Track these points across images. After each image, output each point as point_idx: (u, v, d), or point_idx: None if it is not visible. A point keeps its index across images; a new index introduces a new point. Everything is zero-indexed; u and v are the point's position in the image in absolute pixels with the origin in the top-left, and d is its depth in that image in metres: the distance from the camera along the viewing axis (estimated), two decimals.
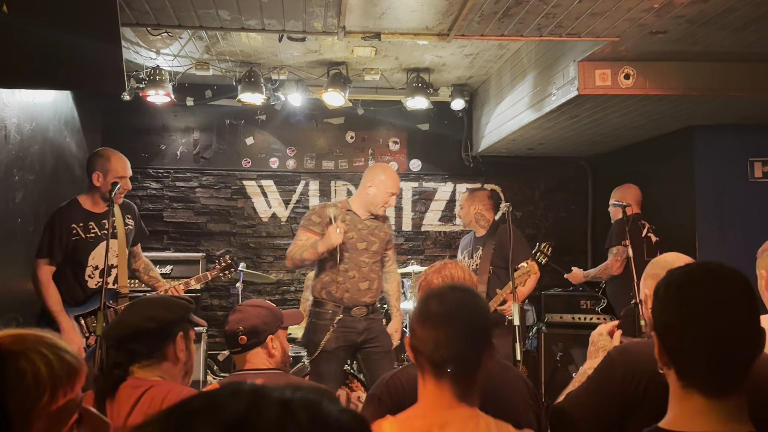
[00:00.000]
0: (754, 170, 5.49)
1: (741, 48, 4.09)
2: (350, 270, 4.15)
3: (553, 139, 6.01)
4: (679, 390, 1.34)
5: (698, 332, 1.31)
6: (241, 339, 2.49)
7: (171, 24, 4.03)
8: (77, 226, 3.90)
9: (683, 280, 1.37)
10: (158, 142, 6.65)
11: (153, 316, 2.13)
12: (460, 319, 1.65)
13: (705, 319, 1.31)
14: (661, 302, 1.38)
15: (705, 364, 1.31)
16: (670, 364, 1.36)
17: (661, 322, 1.38)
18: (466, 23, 3.78)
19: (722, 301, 1.32)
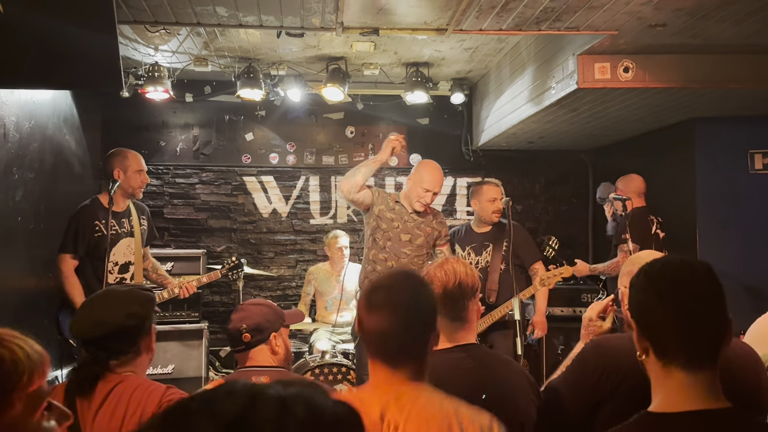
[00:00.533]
0: (754, 162, 5.48)
1: (740, 40, 4.07)
2: (389, 260, 4.28)
3: (553, 133, 6.00)
4: (660, 371, 1.43)
5: (667, 305, 1.41)
6: (245, 337, 2.49)
7: (168, 21, 4.03)
8: (100, 223, 4.20)
9: (650, 266, 1.49)
10: (158, 138, 6.64)
11: (133, 314, 2.12)
12: (403, 309, 1.69)
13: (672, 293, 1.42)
14: (634, 289, 1.49)
15: (679, 335, 1.40)
16: (648, 347, 1.45)
17: (635, 307, 1.48)
18: (464, 18, 3.77)
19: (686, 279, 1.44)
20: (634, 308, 1.48)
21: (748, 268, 5.28)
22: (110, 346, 2.08)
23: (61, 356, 4.71)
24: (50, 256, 4.58)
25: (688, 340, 1.40)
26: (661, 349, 1.43)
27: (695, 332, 1.40)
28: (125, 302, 2.15)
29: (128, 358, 2.11)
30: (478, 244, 4.83)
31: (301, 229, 6.81)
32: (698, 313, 1.41)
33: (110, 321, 2.08)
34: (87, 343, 2.10)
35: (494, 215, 4.72)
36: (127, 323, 2.10)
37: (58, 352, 4.68)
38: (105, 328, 2.08)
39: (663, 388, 1.43)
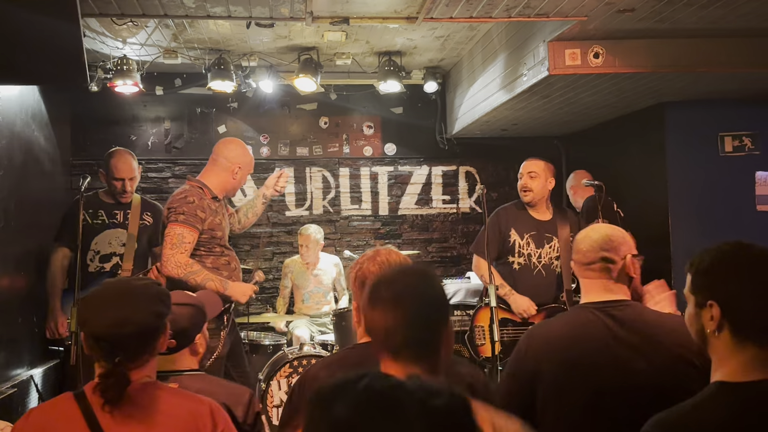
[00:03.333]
0: (724, 145, 5.55)
1: (707, 24, 4.11)
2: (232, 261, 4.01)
3: (526, 120, 6.03)
4: (733, 346, 1.61)
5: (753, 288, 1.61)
6: (170, 343, 2.27)
7: (134, 13, 3.97)
8: (86, 212, 4.38)
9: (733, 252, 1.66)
10: (128, 132, 6.56)
11: (159, 313, 1.96)
12: (409, 304, 1.62)
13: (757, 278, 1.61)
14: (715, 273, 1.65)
15: (760, 315, 1.60)
16: (725, 325, 1.61)
17: (719, 289, 1.63)
18: (434, 6, 3.76)
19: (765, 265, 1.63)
20: (719, 292, 1.63)
21: None
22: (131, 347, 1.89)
23: (34, 354, 4.66)
24: (21, 253, 4.52)
25: (764, 320, 1.59)
26: (740, 326, 1.60)
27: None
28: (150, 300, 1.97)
29: (144, 360, 1.93)
30: (538, 234, 4.32)
31: (277, 222, 6.79)
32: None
33: (137, 320, 1.89)
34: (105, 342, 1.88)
35: (522, 193, 4.37)
36: (157, 323, 1.95)
37: (32, 351, 4.63)
38: (131, 327, 1.88)
39: (734, 361, 1.60)
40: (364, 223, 6.96)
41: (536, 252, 4.31)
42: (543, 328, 2.34)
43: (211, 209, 3.75)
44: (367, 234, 6.96)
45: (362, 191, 6.96)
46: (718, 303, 1.62)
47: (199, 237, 3.68)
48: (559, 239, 4.25)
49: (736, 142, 5.54)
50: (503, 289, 4.23)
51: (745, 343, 1.60)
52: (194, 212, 3.64)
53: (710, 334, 1.64)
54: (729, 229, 5.33)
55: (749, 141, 5.50)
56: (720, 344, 1.63)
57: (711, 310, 1.63)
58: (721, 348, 1.64)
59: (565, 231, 4.22)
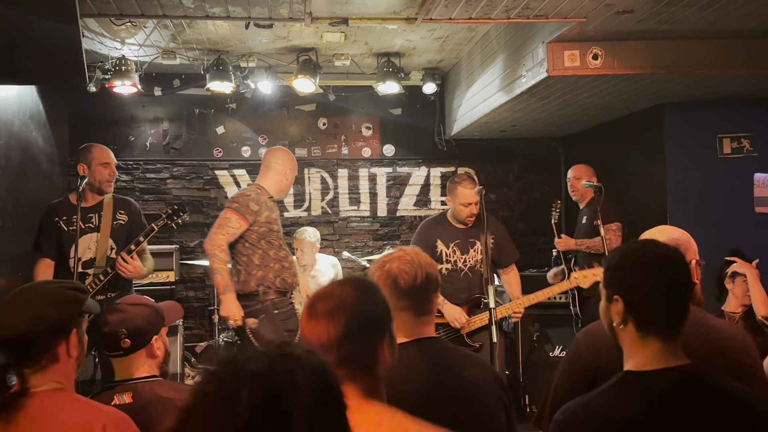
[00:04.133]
0: (723, 146, 5.55)
1: (707, 25, 4.11)
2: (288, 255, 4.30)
3: (525, 121, 6.02)
4: (638, 340, 1.68)
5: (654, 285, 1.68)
6: (124, 342, 2.26)
7: (133, 13, 3.96)
8: (60, 219, 4.15)
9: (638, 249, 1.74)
10: (127, 133, 6.56)
11: (41, 318, 1.84)
12: (345, 317, 1.54)
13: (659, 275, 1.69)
14: (622, 269, 1.73)
15: (660, 311, 1.68)
16: (629, 319, 1.69)
17: (624, 284, 1.71)
18: (433, 7, 3.76)
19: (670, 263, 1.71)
20: (623, 287, 1.71)
21: (717, 251, 5.34)
22: (18, 352, 1.82)
23: None
24: (19, 254, 4.51)
25: (667, 315, 1.68)
26: (643, 321, 1.68)
27: (673, 309, 1.69)
28: (38, 303, 1.88)
29: (42, 366, 1.84)
30: (462, 241, 4.55)
31: None
32: (677, 293, 1.70)
33: (14, 323, 1.83)
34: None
35: (468, 219, 4.48)
36: (35, 329, 1.83)
37: None
38: (8, 330, 1.82)
39: (641, 352, 1.68)
40: (362, 224, 6.96)
41: (462, 258, 4.54)
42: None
43: (267, 205, 4.14)
44: (365, 235, 6.96)
45: (361, 192, 6.95)
46: (621, 298, 1.70)
47: (258, 229, 4.06)
48: (481, 242, 4.49)
49: (735, 144, 5.54)
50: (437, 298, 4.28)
51: (648, 338, 1.67)
52: (247, 204, 4.04)
53: (617, 327, 1.72)
54: (727, 230, 5.33)
55: (748, 143, 5.51)
56: (627, 337, 1.71)
57: (617, 305, 1.71)
58: (627, 340, 1.71)
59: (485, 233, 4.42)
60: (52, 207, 4.25)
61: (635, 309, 1.69)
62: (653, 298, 1.67)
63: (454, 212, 4.54)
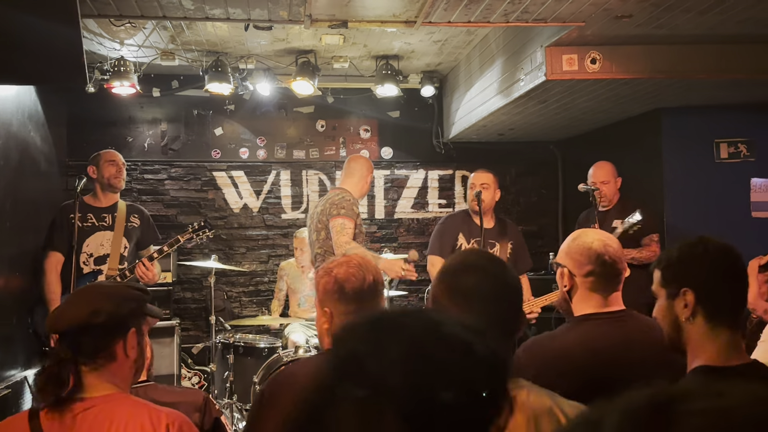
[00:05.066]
0: (720, 151, 5.57)
1: (705, 30, 4.13)
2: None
3: (523, 124, 6.04)
4: (708, 332, 1.70)
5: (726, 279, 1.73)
6: None
7: (133, 14, 3.97)
8: (75, 215, 4.37)
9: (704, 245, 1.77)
10: (125, 134, 6.55)
11: (98, 310, 1.83)
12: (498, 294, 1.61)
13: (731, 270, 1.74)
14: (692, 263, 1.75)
15: (732, 302, 1.72)
16: (698, 312, 1.70)
17: (694, 277, 1.72)
18: (433, 10, 3.77)
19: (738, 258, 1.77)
20: (692, 279, 1.73)
21: None
22: (75, 345, 1.82)
23: (29, 355, 4.64)
24: (17, 254, 4.50)
25: (738, 306, 1.74)
26: (713, 311, 1.70)
27: (742, 299, 1.77)
28: (98, 298, 1.89)
29: (99, 365, 1.83)
30: (482, 239, 4.53)
31: (273, 224, 6.78)
32: (741, 283, 1.76)
33: (72, 315, 1.85)
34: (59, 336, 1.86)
35: (472, 203, 4.57)
36: (92, 321, 1.82)
37: (27, 351, 4.61)
38: (65, 322, 1.84)
39: (711, 346, 1.69)
40: None
41: None
42: (545, 340, 2.31)
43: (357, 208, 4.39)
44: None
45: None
46: (691, 289, 1.71)
47: (355, 230, 4.26)
48: (500, 245, 4.59)
49: (732, 149, 5.56)
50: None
51: (718, 328, 1.69)
52: (351, 207, 4.28)
53: (684, 322, 1.72)
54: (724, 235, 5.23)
55: (744, 148, 5.53)
56: (695, 330, 1.72)
57: (685, 298, 1.71)
58: (696, 334, 1.72)
59: (506, 238, 4.60)
60: (67, 205, 4.52)
61: (706, 299, 1.70)
62: (723, 287, 1.72)
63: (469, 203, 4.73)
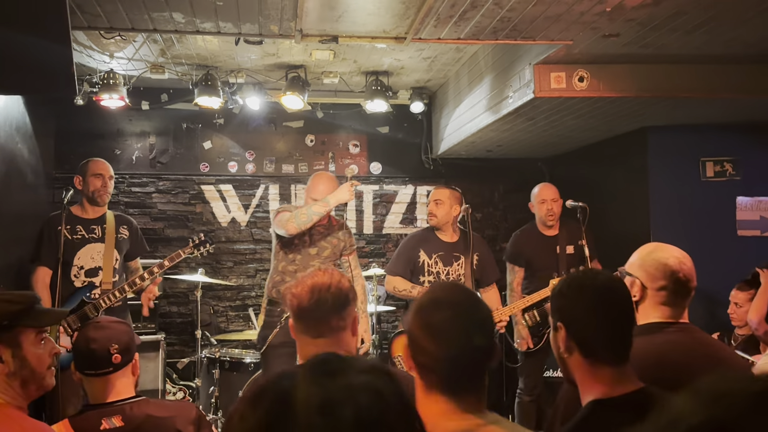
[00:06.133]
0: (706, 170, 5.62)
1: (691, 50, 4.18)
2: (298, 271, 4.21)
3: (511, 141, 6.07)
4: (588, 367, 1.70)
5: (599, 316, 1.70)
6: (115, 358, 2.27)
7: (124, 27, 3.96)
8: (64, 228, 4.29)
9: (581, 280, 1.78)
10: (113, 146, 6.53)
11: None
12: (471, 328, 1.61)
13: (604, 305, 1.71)
14: (565, 298, 1.75)
15: (609, 339, 1.69)
16: (574, 348, 1.71)
17: (567, 314, 1.73)
18: (422, 27, 3.80)
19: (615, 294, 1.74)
20: (565, 315, 1.74)
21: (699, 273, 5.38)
22: None
23: None
24: (2, 265, 4.46)
25: (616, 343, 1.70)
26: (588, 348, 1.70)
27: (620, 337, 1.71)
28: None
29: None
30: (446, 254, 4.67)
31: (261, 238, 6.76)
32: (623, 322, 1.72)
33: None
34: None
35: (429, 218, 4.77)
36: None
37: None
38: None
39: (593, 381, 1.69)
40: None
41: (444, 270, 4.65)
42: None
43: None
44: None
45: (347, 209, 6.96)
46: (564, 325, 1.74)
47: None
48: (465, 258, 4.62)
49: (718, 167, 5.61)
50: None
51: (597, 365, 1.69)
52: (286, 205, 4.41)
53: (563, 354, 1.75)
54: (710, 253, 5.37)
55: (730, 166, 5.58)
56: (575, 365, 1.74)
57: (560, 332, 1.74)
58: (577, 369, 1.74)
59: (470, 251, 4.60)
60: (55, 217, 4.39)
61: (577, 336, 1.71)
62: (592, 325, 1.70)
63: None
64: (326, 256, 4.34)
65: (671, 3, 3.39)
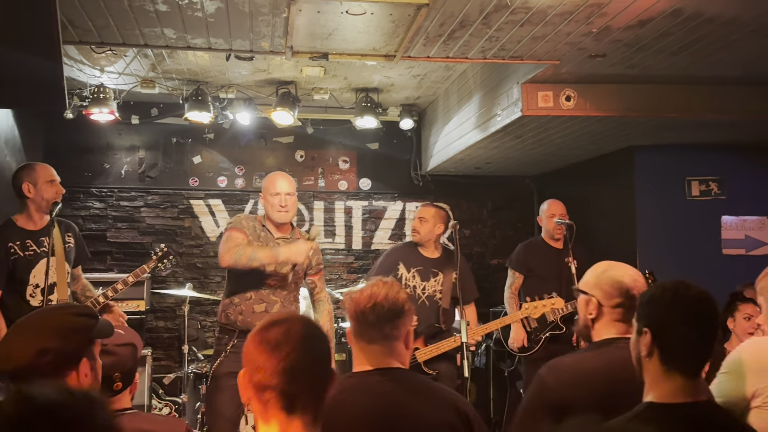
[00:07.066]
0: (691, 189, 5.68)
1: (676, 71, 4.24)
2: (247, 291, 3.83)
3: (499, 159, 6.12)
4: (662, 373, 1.75)
5: (689, 324, 1.74)
6: (116, 386, 2.20)
7: (115, 42, 3.98)
8: (14, 245, 3.87)
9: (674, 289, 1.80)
10: (102, 160, 6.52)
11: (45, 349, 1.75)
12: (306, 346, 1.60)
13: (694, 315, 1.75)
14: (655, 304, 1.80)
15: (691, 349, 1.75)
16: (654, 353, 1.76)
17: (655, 319, 1.78)
18: (412, 45, 3.84)
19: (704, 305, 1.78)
20: (654, 321, 1.79)
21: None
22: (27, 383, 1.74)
23: None
24: None
25: (690, 352, 1.75)
26: (668, 354, 1.75)
27: (702, 349, 1.76)
28: (43, 334, 1.78)
29: None
30: (425, 269, 4.65)
31: None
32: (703, 333, 1.76)
33: (17, 356, 1.74)
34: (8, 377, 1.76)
35: (412, 233, 4.75)
36: (40, 361, 1.74)
37: None
38: (11, 364, 1.74)
39: (663, 385, 1.75)
40: (337, 256, 6.96)
41: (421, 284, 4.63)
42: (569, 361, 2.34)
43: (254, 231, 3.89)
44: (339, 267, 6.95)
45: (336, 225, 6.97)
46: (650, 330, 1.78)
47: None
48: (444, 275, 4.61)
49: (703, 187, 5.67)
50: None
51: (672, 372, 1.74)
52: (240, 221, 3.90)
53: (643, 358, 1.79)
54: (696, 271, 5.40)
55: (715, 186, 5.64)
56: (651, 369, 1.79)
57: (645, 337, 1.79)
58: (651, 372, 1.79)
59: (450, 268, 4.57)
60: (1, 234, 3.88)
61: (661, 342, 1.76)
62: (679, 334, 1.75)
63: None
64: (284, 273, 3.87)
65: (657, 25, 3.45)
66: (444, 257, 4.70)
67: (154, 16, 3.58)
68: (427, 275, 4.64)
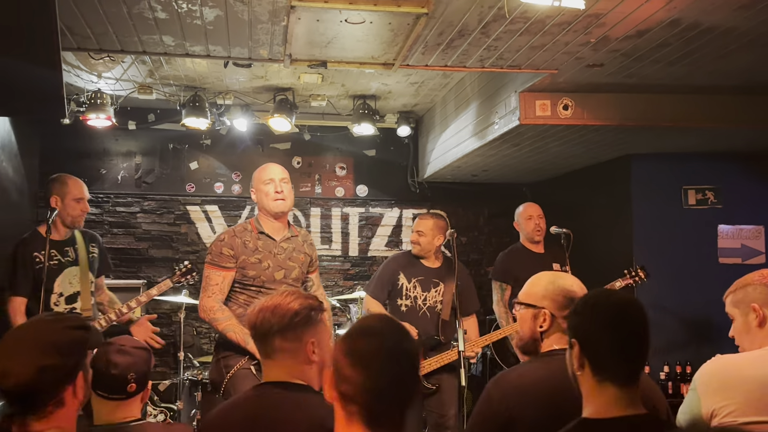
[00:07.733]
0: (688, 198, 5.69)
1: (673, 81, 4.26)
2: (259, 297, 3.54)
3: (496, 167, 6.12)
4: (595, 385, 1.71)
5: (612, 334, 1.71)
6: (130, 387, 2.23)
7: (113, 49, 3.97)
8: (39, 254, 3.95)
9: (596, 298, 1.80)
10: (98, 166, 6.51)
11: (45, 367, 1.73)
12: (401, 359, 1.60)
13: (617, 325, 1.72)
14: (580, 316, 1.78)
15: (619, 358, 1.70)
16: (586, 364, 1.72)
17: (581, 331, 1.75)
18: (410, 54, 3.84)
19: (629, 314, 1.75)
20: (579, 332, 1.76)
21: (681, 299, 5.46)
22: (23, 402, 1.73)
23: None
24: None
25: (625, 363, 1.71)
26: (598, 366, 1.71)
27: (631, 357, 1.72)
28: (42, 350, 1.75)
29: (48, 413, 1.74)
30: (425, 279, 4.59)
31: None
32: (635, 342, 1.72)
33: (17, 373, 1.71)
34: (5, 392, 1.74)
35: (411, 245, 4.69)
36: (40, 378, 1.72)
37: None
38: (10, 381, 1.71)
39: (597, 399, 1.71)
40: (333, 263, 6.95)
41: (422, 295, 4.59)
42: (513, 374, 2.34)
43: (246, 246, 3.63)
44: (336, 274, 6.95)
45: (333, 231, 6.97)
46: (578, 341, 1.75)
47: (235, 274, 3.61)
48: (445, 285, 4.57)
49: (699, 196, 5.68)
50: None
51: (604, 383, 1.70)
52: (219, 251, 3.60)
53: (576, 371, 1.76)
54: (692, 280, 5.44)
55: (712, 195, 5.66)
56: (584, 382, 1.75)
57: (575, 349, 1.76)
58: (585, 386, 1.75)
59: (451, 279, 4.48)
60: (27, 241, 4.03)
61: (589, 353, 1.73)
62: (604, 342, 1.71)
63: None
64: (294, 277, 3.73)
65: (654, 35, 3.46)
66: (445, 267, 4.64)
67: (153, 24, 3.57)
68: (428, 285, 4.60)
